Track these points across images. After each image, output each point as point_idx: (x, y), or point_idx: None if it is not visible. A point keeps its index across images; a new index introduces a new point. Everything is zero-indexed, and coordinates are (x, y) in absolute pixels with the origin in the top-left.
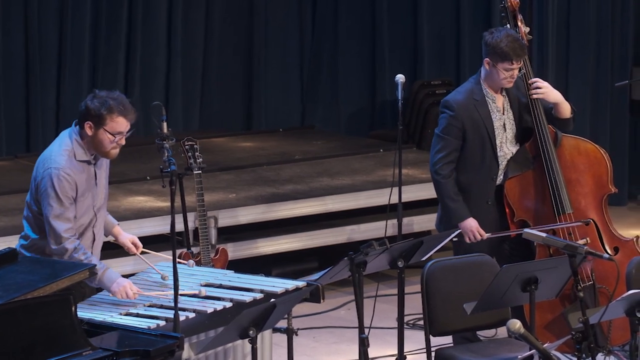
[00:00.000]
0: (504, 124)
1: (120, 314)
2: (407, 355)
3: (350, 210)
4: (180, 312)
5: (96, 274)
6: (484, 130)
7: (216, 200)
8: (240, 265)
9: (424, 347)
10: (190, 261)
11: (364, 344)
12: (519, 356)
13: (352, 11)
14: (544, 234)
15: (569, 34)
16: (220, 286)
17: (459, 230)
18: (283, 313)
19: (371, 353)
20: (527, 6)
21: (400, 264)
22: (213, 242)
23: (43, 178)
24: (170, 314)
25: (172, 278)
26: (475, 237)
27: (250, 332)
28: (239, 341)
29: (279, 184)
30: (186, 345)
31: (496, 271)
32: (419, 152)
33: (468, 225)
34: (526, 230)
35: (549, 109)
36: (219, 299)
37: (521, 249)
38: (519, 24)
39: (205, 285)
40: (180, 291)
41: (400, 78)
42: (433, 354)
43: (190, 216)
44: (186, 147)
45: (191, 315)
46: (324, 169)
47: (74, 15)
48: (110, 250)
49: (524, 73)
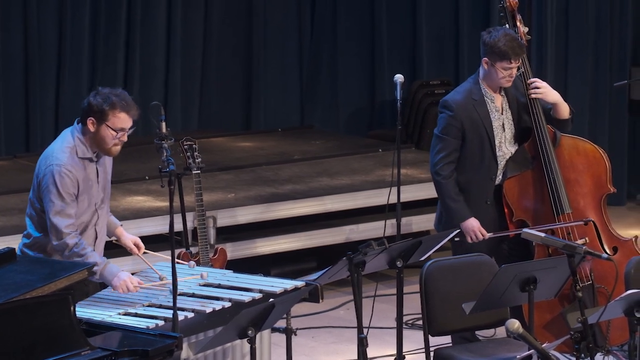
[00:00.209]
0: (503, 124)
1: (119, 314)
2: (406, 355)
3: (349, 210)
4: (179, 312)
5: (95, 273)
6: (483, 130)
7: (215, 200)
8: (239, 265)
9: (423, 347)
10: (191, 262)
11: (362, 344)
12: (518, 356)
13: (351, 12)
14: (543, 234)
15: (568, 34)
16: (219, 286)
17: (457, 230)
18: (282, 313)
19: (370, 353)
20: (526, 6)
21: (399, 263)
22: (212, 242)
23: (45, 175)
24: (169, 314)
25: (172, 278)
26: (477, 237)
27: (249, 332)
28: (238, 341)
29: (278, 184)
30: (185, 345)
31: (495, 271)
32: (417, 152)
33: (470, 225)
34: (525, 230)
35: (547, 109)
36: (217, 299)
37: (520, 248)
38: (518, 24)
39: (204, 285)
40: (181, 278)
41: (399, 78)
42: (432, 354)
43: (189, 216)
44: (185, 147)
45: (190, 315)
46: (323, 169)
47: (73, 15)
48: (110, 250)
49: (522, 72)
